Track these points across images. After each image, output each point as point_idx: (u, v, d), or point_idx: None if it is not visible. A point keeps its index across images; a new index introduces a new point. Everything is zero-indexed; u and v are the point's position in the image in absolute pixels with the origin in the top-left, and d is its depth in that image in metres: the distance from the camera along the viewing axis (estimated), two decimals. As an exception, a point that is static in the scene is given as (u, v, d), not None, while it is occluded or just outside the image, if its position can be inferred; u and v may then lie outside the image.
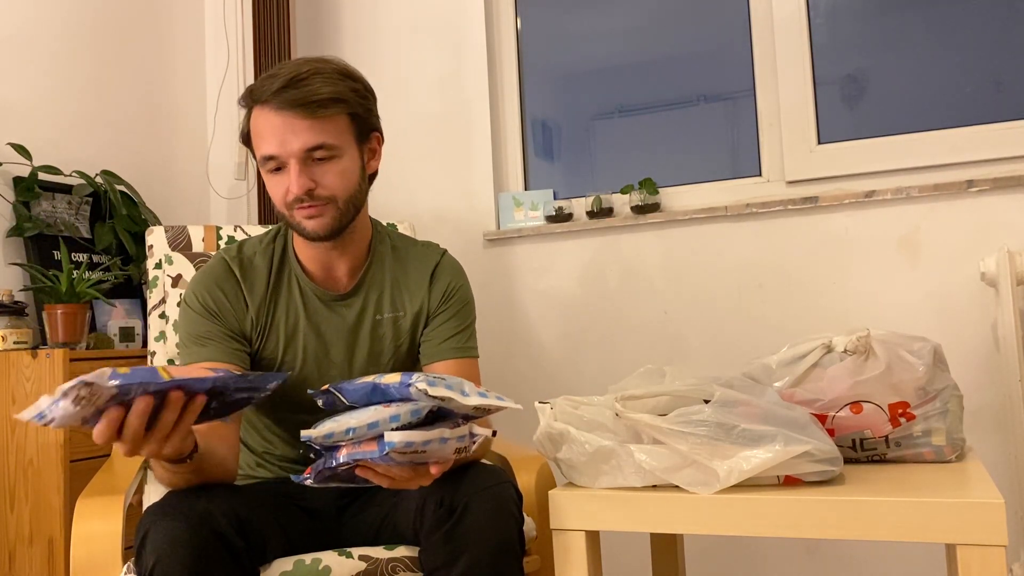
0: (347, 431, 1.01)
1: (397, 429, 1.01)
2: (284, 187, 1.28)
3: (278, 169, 1.29)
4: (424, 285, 1.44)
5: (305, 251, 1.40)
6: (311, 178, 1.27)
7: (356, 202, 1.34)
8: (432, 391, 1.00)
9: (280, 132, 1.25)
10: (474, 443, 1.08)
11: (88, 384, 0.88)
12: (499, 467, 1.27)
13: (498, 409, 1.05)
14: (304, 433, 1.05)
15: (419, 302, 1.44)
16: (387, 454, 0.99)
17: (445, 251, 1.50)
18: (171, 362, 1.78)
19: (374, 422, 1.01)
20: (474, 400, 1.01)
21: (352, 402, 1.06)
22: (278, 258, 1.41)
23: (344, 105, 1.28)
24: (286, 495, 1.37)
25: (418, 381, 1.00)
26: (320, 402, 1.11)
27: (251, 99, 1.29)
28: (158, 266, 1.81)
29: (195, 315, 1.35)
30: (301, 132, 1.25)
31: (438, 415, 1.06)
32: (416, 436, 0.99)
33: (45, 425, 0.88)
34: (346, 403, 1.07)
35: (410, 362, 1.47)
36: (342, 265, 1.40)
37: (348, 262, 1.40)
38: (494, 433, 1.12)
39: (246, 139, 1.34)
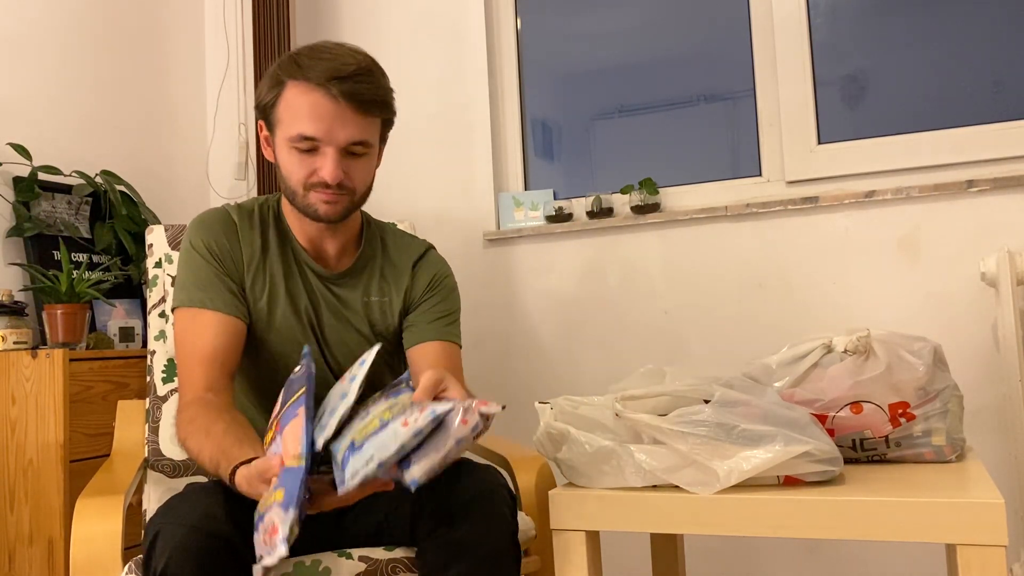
0: (378, 466, 0.96)
1: (415, 450, 0.97)
2: (310, 168, 1.30)
3: (309, 151, 1.30)
4: (407, 273, 1.48)
5: (296, 224, 1.42)
6: (344, 169, 1.31)
7: (366, 195, 1.40)
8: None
9: (328, 118, 1.27)
10: (488, 423, 1.01)
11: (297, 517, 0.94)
12: (493, 467, 1.27)
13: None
14: (341, 491, 1.01)
15: (403, 288, 1.47)
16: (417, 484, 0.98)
17: (432, 246, 1.54)
18: (171, 361, 1.78)
19: (400, 447, 0.97)
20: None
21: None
22: (275, 221, 1.43)
23: (387, 110, 1.35)
24: None
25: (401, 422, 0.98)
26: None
27: (299, 74, 1.27)
28: (158, 265, 1.81)
29: (198, 258, 1.36)
30: (349, 125, 1.28)
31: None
32: (435, 459, 0.97)
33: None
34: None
35: (391, 346, 1.48)
36: (331, 245, 1.43)
37: (337, 243, 1.43)
38: (503, 407, 1.08)
39: (266, 109, 1.33)
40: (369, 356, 1.13)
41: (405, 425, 0.97)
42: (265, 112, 1.34)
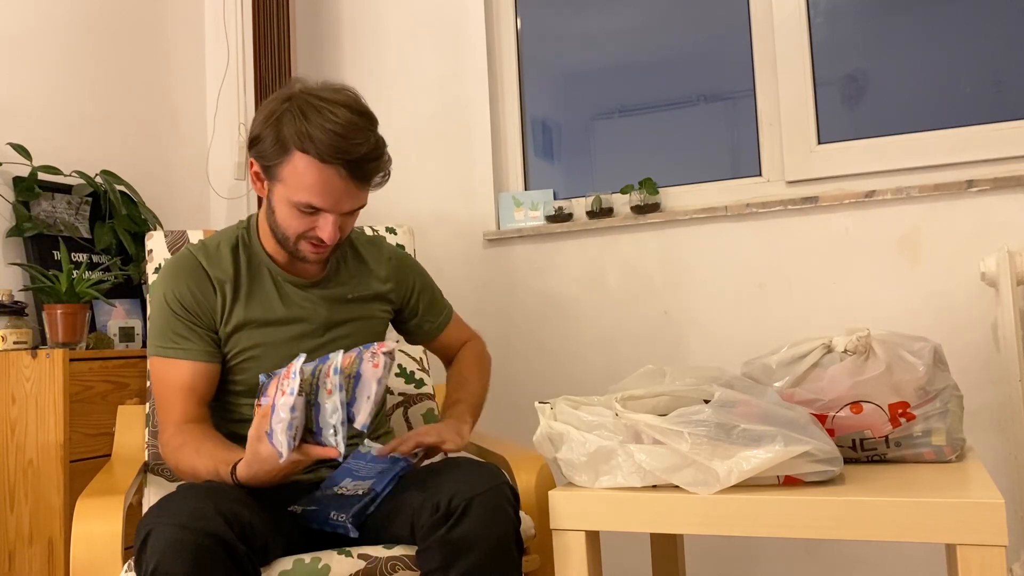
0: (332, 432, 1.15)
1: (350, 405, 1.16)
2: (309, 226, 1.37)
3: (310, 213, 1.35)
4: (383, 272, 1.57)
5: (271, 245, 1.48)
6: (339, 227, 1.38)
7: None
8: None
9: (336, 194, 1.33)
10: (392, 358, 1.19)
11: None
12: (495, 466, 1.28)
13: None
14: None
15: (383, 287, 1.56)
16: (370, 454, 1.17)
17: (383, 237, 1.64)
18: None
19: (335, 408, 1.15)
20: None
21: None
22: (244, 247, 1.48)
23: (387, 177, 1.41)
24: (286, 499, 1.37)
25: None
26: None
27: (310, 147, 1.30)
28: (157, 270, 1.81)
29: (170, 311, 1.42)
30: (354, 197, 1.36)
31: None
32: (368, 403, 1.15)
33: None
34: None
35: (374, 336, 1.56)
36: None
37: None
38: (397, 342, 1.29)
39: (269, 166, 1.35)
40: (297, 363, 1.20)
41: (329, 393, 1.14)
42: (266, 165, 1.36)
